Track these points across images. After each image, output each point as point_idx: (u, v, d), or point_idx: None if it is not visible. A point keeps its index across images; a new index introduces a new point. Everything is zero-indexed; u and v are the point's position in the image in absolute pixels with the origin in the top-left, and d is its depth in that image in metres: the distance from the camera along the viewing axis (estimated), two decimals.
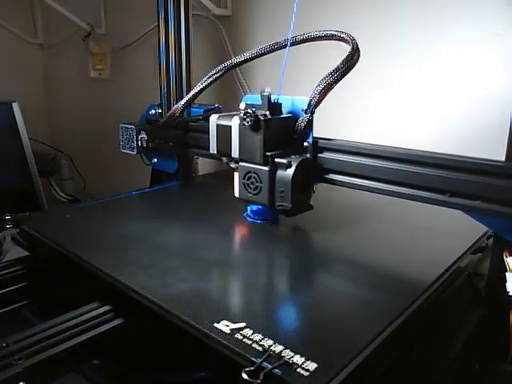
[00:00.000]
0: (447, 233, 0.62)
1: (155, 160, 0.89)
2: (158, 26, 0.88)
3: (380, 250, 0.56)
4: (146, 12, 1.24)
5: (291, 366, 0.33)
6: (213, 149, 0.64)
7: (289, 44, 0.60)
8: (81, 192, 1.49)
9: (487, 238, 0.61)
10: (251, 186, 0.58)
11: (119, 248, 0.53)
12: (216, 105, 0.86)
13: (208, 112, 0.80)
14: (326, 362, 0.33)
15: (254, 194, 0.58)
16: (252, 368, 0.32)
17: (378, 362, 0.37)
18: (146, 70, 1.24)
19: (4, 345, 0.39)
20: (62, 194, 1.43)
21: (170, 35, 0.87)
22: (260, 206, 0.62)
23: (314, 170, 0.58)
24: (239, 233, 0.62)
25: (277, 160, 0.56)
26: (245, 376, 0.32)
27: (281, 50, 0.61)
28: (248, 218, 0.64)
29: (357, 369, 0.33)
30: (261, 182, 0.57)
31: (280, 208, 0.56)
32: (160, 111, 0.88)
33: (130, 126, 0.87)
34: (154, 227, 0.61)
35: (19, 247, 0.63)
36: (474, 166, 0.48)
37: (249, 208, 0.64)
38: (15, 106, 1.13)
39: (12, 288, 0.54)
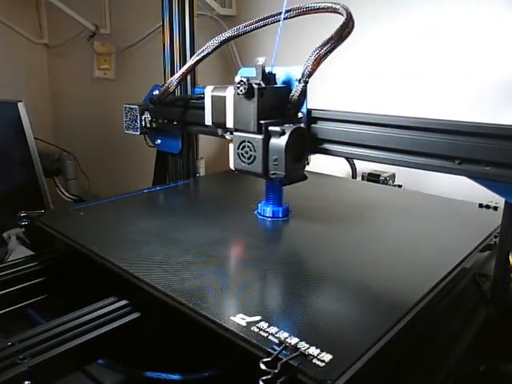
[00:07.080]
0: (455, 230, 0.62)
1: (159, 141, 0.89)
2: (163, 25, 0.89)
3: (389, 247, 0.56)
4: (151, 12, 1.25)
5: (307, 357, 0.33)
6: (208, 120, 0.63)
7: (282, 18, 0.59)
8: (85, 192, 1.50)
9: (495, 237, 0.60)
10: (245, 155, 0.58)
11: (134, 244, 0.54)
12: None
13: None
14: (341, 354, 0.34)
15: (249, 164, 0.58)
16: (269, 359, 0.33)
17: (389, 355, 0.37)
18: (150, 70, 1.24)
19: (9, 344, 0.38)
20: (67, 194, 1.43)
21: (175, 35, 0.88)
22: (271, 205, 0.63)
23: (308, 139, 0.58)
24: (251, 230, 0.62)
25: (270, 128, 0.55)
26: (262, 366, 0.32)
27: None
28: (259, 216, 0.65)
29: (370, 361, 0.34)
30: (255, 151, 0.57)
31: (274, 176, 0.56)
32: None
33: (133, 106, 0.86)
34: (167, 224, 0.61)
35: (23, 246, 0.64)
36: (483, 130, 0.46)
37: (259, 206, 0.65)
38: (21, 105, 1.13)
39: (26, 285, 0.54)
